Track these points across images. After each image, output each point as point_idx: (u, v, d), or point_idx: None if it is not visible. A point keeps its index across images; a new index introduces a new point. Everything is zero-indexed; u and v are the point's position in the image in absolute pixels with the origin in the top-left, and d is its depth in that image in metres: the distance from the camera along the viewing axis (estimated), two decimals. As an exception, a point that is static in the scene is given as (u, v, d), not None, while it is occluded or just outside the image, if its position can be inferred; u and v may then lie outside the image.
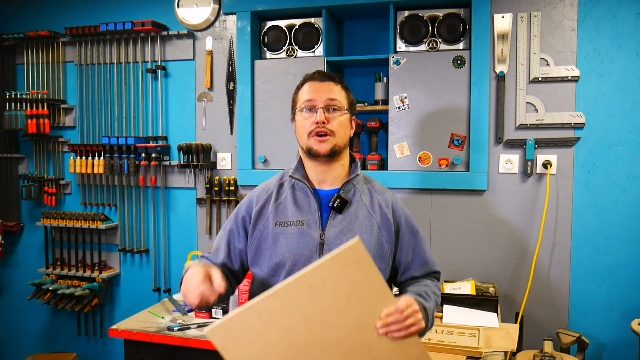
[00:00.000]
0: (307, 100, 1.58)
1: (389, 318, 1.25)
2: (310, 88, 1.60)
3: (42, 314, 3.69)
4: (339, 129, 1.57)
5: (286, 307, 1.20)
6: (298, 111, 1.61)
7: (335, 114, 1.57)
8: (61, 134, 3.52)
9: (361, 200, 1.60)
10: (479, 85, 2.64)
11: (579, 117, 2.59)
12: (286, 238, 1.54)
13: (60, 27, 3.41)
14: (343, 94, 1.61)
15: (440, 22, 2.70)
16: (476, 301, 2.46)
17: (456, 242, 2.80)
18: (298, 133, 1.62)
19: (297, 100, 1.63)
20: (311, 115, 1.57)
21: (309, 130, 1.56)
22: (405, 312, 1.27)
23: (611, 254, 2.60)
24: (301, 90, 1.63)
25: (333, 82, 1.61)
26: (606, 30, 2.55)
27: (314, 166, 1.62)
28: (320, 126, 1.54)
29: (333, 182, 1.62)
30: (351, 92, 1.66)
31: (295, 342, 1.23)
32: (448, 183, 2.72)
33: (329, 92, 1.58)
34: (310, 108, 1.57)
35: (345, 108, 1.60)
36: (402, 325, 1.26)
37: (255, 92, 3.00)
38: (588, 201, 2.62)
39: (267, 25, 3.00)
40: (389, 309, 1.25)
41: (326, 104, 1.56)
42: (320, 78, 1.61)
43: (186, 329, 2.44)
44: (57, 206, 3.52)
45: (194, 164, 3.10)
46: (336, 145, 1.56)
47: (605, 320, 2.62)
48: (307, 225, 1.55)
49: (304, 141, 1.59)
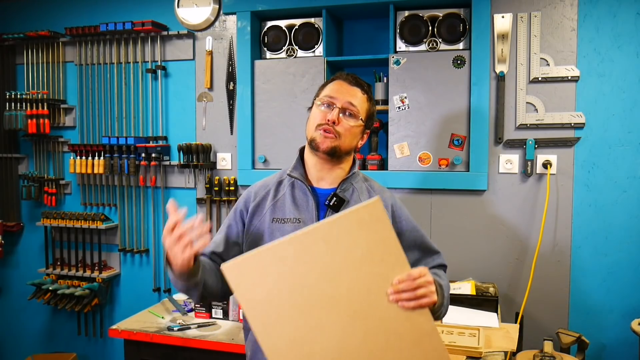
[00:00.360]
0: (329, 97, 1.58)
1: (400, 285, 1.23)
2: (337, 86, 1.60)
3: (42, 314, 3.69)
4: (346, 134, 1.56)
5: (300, 256, 1.20)
6: (317, 103, 1.60)
7: (350, 120, 1.57)
8: (61, 134, 3.52)
9: (359, 200, 1.60)
10: (479, 85, 2.64)
11: (579, 117, 2.59)
12: (282, 234, 1.53)
13: (60, 27, 3.41)
14: (365, 105, 1.61)
15: (440, 22, 2.70)
16: (476, 301, 2.46)
17: (456, 242, 2.80)
18: (309, 122, 1.62)
19: (320, 92, 1.63)
20: (327, 111, 1.57)
21: (318, 123, 1.57)
22: (417, 280, 1.24)
23: (611, 254, 2.61)
24: (328, 85, 1.62)
25: (361, 90, 1.61)
26: (606, 30, 2.55)
27: (316, 162, 1.61)
28: (330, 124, 1.55)
29: (332, 180, 1.62)
30: (375, 105, 1.66)
31: (305, 292, 1.23)
32: (448, 183, 2.72)
33: (351, 97, 1.58)
34: (329, 104, 1.57)
35: (361, 118, 1.59)
36: (413, 294, 1.24)
37: (255, 92, 3.00)
38: (588, 201, 2.62)
39: (267, 25, 3.00)
40: (401, 275, 1.24)
41: (345, 106, 1.57)
42: (350, 81, 1.61)
43: (186, 329, 2.45)
44: (57, 206, 3.53)
45: (194, 164, 3.11)
46: (338, 146, 1.56)
47: (606, 320, 2.62)
48: (304, 223, 1.55)
49: (310, 131, 1.59)
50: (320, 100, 1.59)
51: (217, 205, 3.18)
